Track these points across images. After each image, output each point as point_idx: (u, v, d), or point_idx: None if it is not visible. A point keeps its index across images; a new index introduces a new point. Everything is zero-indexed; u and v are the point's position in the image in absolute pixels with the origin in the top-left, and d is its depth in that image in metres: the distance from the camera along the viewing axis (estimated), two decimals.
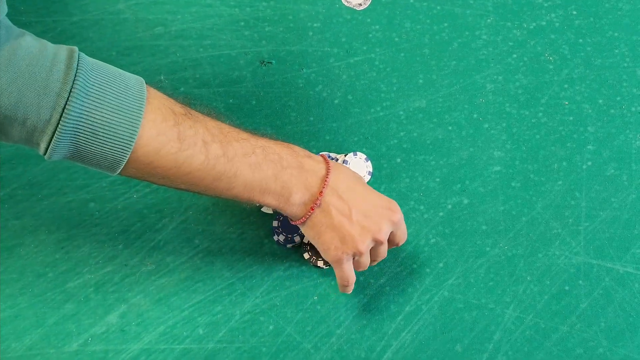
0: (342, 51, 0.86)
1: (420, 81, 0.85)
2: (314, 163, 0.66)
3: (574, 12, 0.88)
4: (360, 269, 0.70)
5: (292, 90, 0.84)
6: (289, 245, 0.76)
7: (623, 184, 0.80)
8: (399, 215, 0.68)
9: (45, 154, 0.54)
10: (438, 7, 0.88)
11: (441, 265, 0.77)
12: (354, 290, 0.75)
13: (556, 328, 0.75)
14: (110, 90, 0.54)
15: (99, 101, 0.54)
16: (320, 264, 0.74)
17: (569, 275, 0.76)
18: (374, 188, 0.79)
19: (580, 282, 0.76)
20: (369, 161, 0.80)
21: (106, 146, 0.55)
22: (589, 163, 0.81)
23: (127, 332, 0.73)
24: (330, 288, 0.76)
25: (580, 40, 0.87)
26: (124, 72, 0.58)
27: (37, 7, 0.86)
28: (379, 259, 0.71)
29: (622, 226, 0.78)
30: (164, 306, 0.75)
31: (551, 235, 0.78)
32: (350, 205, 0.66)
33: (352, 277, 0.69)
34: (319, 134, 0.82)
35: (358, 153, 0.79)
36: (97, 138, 0.54)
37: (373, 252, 0.70)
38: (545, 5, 0.89)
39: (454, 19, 0.88)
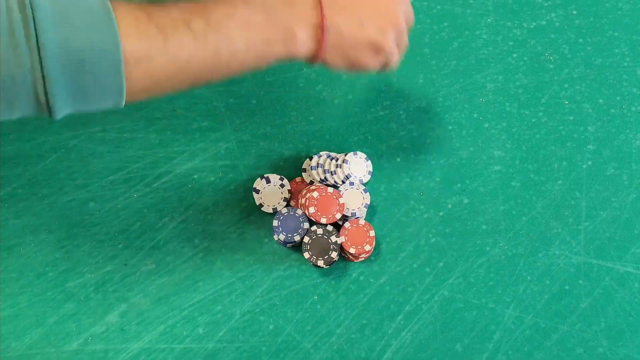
0: None
1: (420, 81, 0.85)
2: None
3: (574, 12, 0.88)
4: (394, 67, 0.67)
5: (292, 90, 0.84)
6: (289, 245, 0.76)
7: (623, 184, 0.80)
8: None
9: (49, 108, 0.52)
10: (438, 7, 0.88)
11: (441, 264, 0.77)
12: (354, 290, 0.75)
13: (556, 328, 0.74)
14: (76, 13, 0.52)
15: (69, 27, 0.51)
16: (320, 263, 0.74)
17: (569, 275, 0.76)
18: (374, 187, 0.80)
19: (580, 281, 0.76)
20: (369, 161, 0.80)
21: (100, 69, 0.53)
22: (589, 163, 0.81)
23: (127, 332, 0.74)
24: (330, 288, 0.76)
25: (581, 40, 0.87)
26: None
27: None
28: (404, 48, 0.68)
29: (622, 226, 0.78)
30: (164, 306, 0.75)
31: (551, 235, 0.78)
32: (358, 14, 0.62)
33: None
34: (319, 133, 0.82)
35: (358, 152, 0.79)
36: (87, 64, 0.52)
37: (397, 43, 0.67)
38: (545, 4, 0.89)
39: (454, 19, 0.88)
